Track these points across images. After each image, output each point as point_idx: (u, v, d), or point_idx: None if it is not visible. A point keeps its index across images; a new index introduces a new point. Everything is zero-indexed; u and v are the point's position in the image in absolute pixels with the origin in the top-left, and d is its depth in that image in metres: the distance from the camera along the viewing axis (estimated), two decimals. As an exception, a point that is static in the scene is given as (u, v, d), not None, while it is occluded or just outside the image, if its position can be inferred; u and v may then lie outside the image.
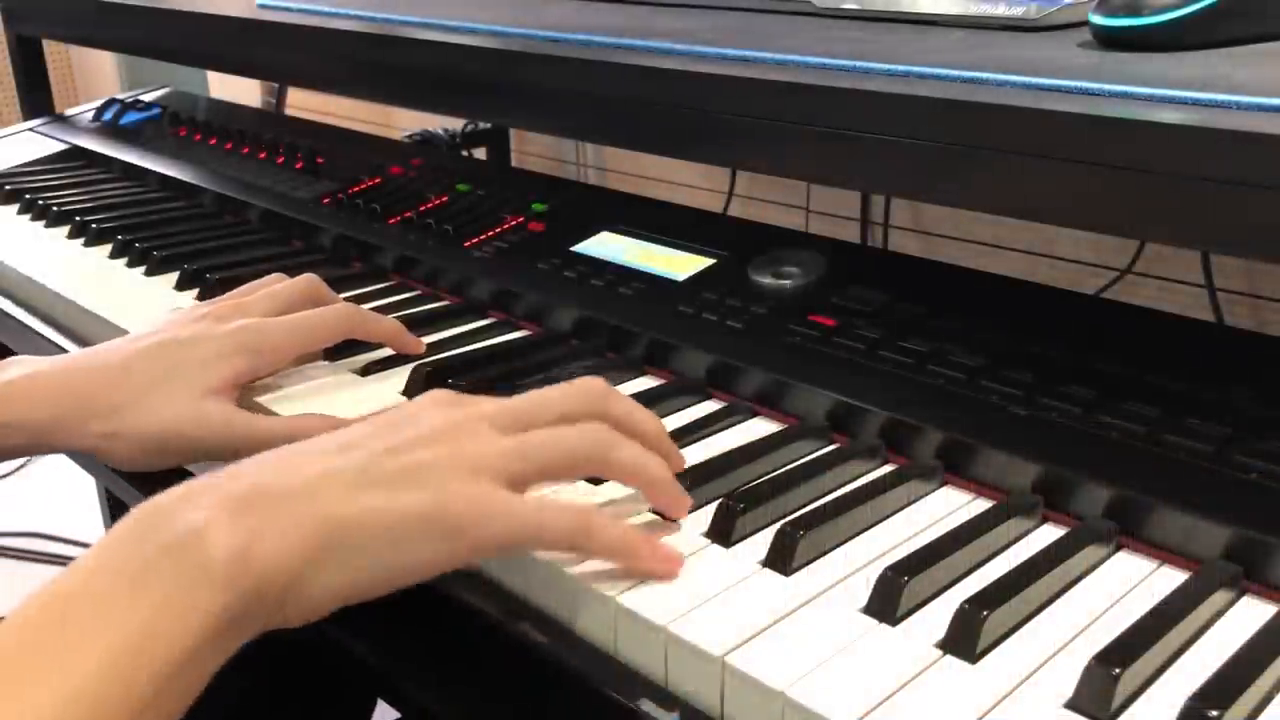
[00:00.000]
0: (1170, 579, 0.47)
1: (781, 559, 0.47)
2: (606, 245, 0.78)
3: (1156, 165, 0.49)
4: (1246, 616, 0.45)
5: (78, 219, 0.97)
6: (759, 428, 0.60)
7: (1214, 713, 0.37)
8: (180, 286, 0.82)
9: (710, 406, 0.62)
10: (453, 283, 0.80)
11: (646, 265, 0.74)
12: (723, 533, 0.49)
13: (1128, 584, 0.47)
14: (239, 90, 1.81)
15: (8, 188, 1.08)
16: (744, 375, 0.62)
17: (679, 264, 0.73)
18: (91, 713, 0.36)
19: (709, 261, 0.73)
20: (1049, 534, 0.50)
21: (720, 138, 0.66)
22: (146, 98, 1.33)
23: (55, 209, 1.00)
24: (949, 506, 0.53)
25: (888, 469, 0.56)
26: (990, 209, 0.59)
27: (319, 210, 0.93)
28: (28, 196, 1.04)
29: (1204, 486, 0.48)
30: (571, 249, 0.78)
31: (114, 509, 1.57)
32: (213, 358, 0.61)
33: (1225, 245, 0.61)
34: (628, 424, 0.50)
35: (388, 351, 0.69)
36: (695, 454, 0.57)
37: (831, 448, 0.58)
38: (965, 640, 0.42)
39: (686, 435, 0.59)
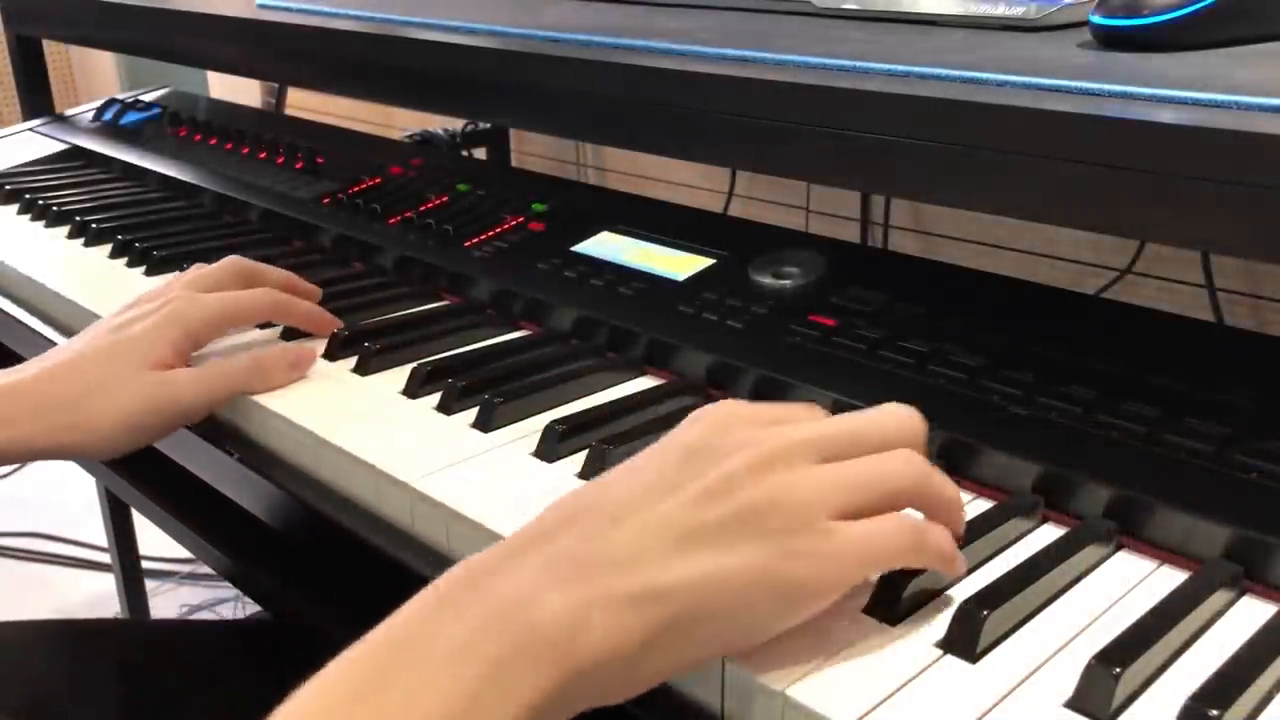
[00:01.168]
0: (1170, 579, 0.47)
1: (781, 559, 0.47)
2: (606, 245, 0.78)
3: (1156, 165, 0.49)
4: (1246, 616, 0.45)
5: (78, 219, 0.97)
6: (759, 428, 0.60)
7: (1214, 713, 0.37)
8: (180, 286, 0.82)
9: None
10: (453, 283, 0.80)
11: (646, 265, 0.74)
12: (723, 533, 0.49)
13: (1128, 584, 0.47)
14: (239, 90, 1.82)
15: (8, 188, 1.08)
16: (744, 375, 0.62)
17: (679, 264, 0.73)
18: None
19: (709, 261, 0.73)
20: (1049, 534, 0.50)
21: (720, 138, 0.66)
22: (146, 98, 1.33)
23: (55, 209, 1.00)
24: (949, 506, 0.53)
25: (888, 469, 0.56)
26: (990, 209, 0.59)
27: (319, 210, 0.93)
28: (28, 196, 1.04)
29: (1204, 486, 0.48)
30: (571, 249, 0.78)
31: (114, 509, 1.57)
32: (147, 333, 0.65)
33: (1225, 245, 0.61)
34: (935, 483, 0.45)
35: (388, 351, 0.69)
36: (695, 454, 0.57)
37: (831, 448, 0.58)
38: (965, 640, 0.42)
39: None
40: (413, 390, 0.65)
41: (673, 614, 0.38)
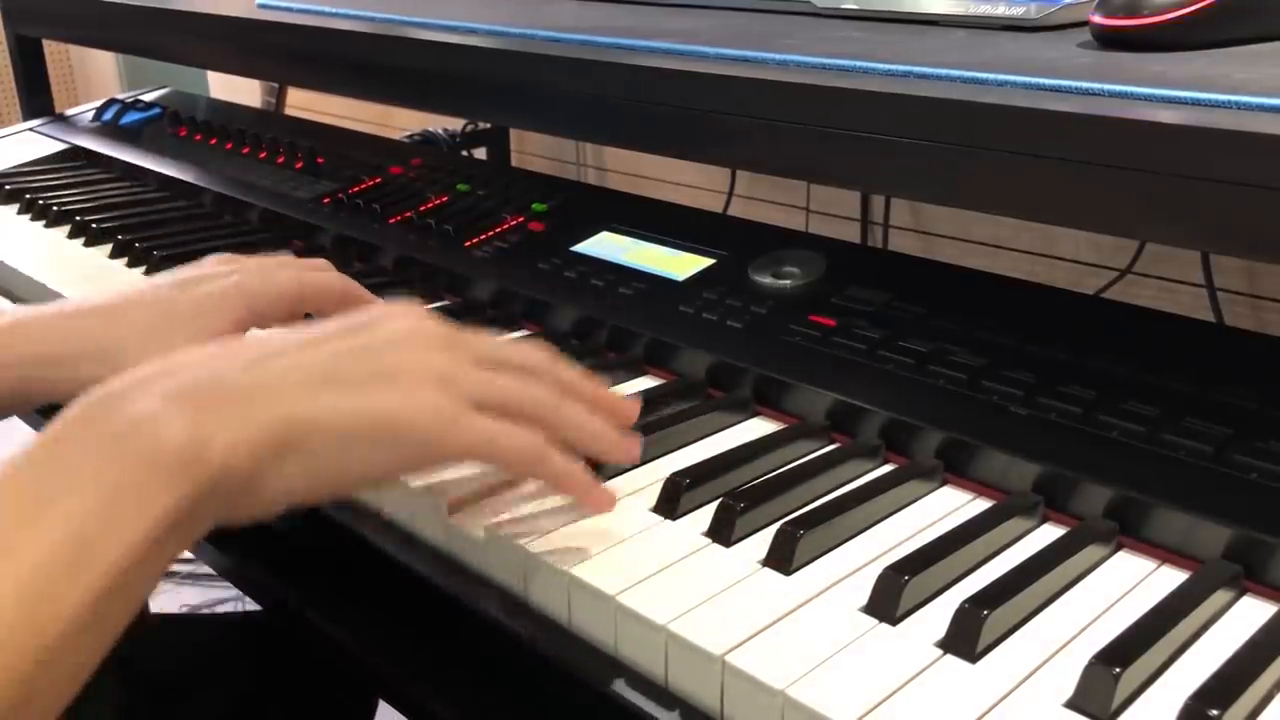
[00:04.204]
0: (1170, 579, 0.47)
1: (782, 559, 0.47)
2: (606, 245, 0.78)
3: (1156, 165, 0.49)
4: (1246, 616, 0.45)
5: (78, 219, 0.97)
6: (759, 428, 0.60)
7: (1214, 712, 0.37)
8: (180, 286, 0.82)
9: (710, 406, 0.62)
10: (453, 283, 0.80)
11: (646, 265, 0.74)
12: (723, 532, 0.49)
13: (1128, 584, 0.47)
14: (239, 90, 1.82)
15: (8, 188, 1.08)
16: (744, 375, 0.62)
17: (679, 264, 0.73)
18: (38, 606, 0.35)
19: (709, 261, 0.73)
20: (1049, 534, 0.50)
21: (720, 138, 0.66)
22: (146, 98, 1.33)
23: (55, 209, 1.00)
24: (949, 506, 0.53)
25: (888, 469, 0.56)
26: (990, 209, 0.59)
27: (319, 210, 0.93)
28: (28, 196, 1.04)
29: (1204, 486, 0.48)
30: (571, 249, 0.78)
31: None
32: (211, 299, 0.59)
33: (1225, 245, 0.61)
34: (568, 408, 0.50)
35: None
36: (695, 454, 0.57)
37: (831, 448, 0.58)
38: (965, 640, 0.42)
39: (687, 435, 0.59)
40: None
41: (292, 439, 0.41)
